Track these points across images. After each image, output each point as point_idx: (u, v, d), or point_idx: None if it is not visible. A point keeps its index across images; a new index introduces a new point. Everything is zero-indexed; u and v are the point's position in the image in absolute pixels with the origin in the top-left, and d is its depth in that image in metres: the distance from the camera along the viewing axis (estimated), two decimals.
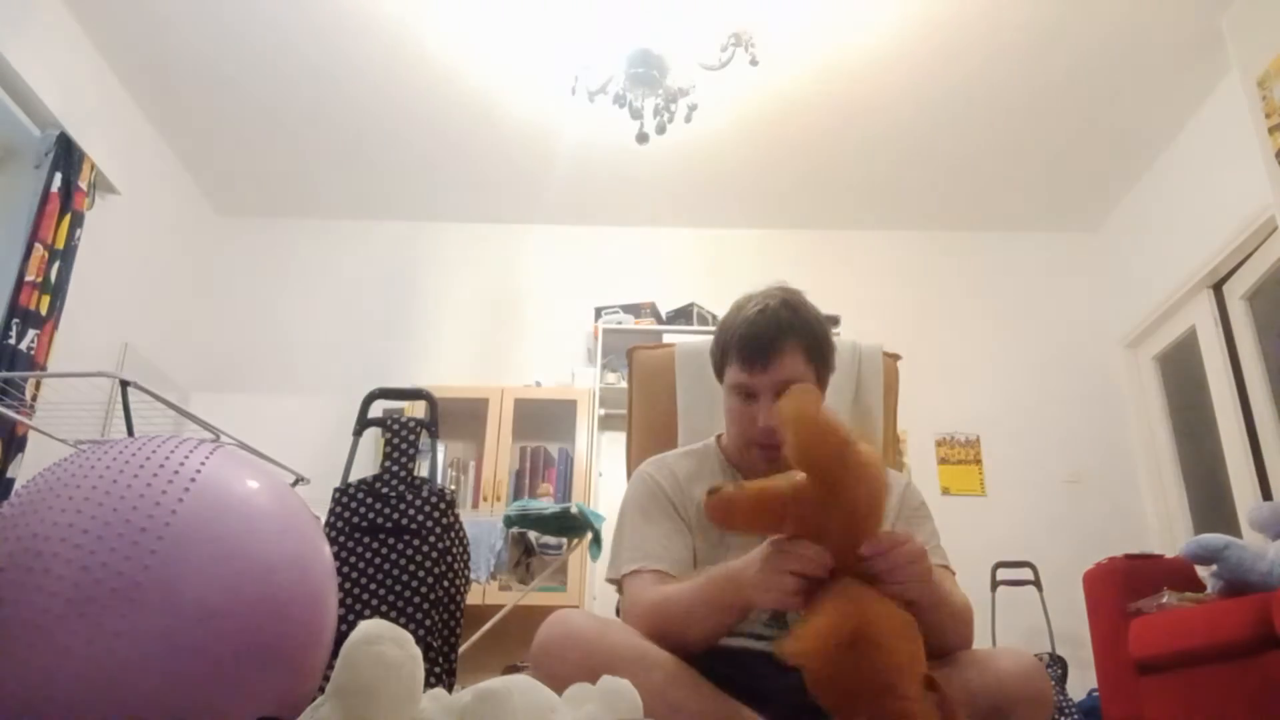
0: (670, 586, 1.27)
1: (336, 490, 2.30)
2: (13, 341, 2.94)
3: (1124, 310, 4.30)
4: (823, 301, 1.47)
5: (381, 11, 3.30)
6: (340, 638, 1.04)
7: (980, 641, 1.32)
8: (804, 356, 1.35)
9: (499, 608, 3.08)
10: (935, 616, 1.12)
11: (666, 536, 1.36)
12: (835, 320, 4.09)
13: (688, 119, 3.08)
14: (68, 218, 3.19)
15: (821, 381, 1.40)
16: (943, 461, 4.23)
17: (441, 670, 2.21)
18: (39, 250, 3.06)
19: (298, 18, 3.33)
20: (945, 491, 4.13)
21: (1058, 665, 3.50)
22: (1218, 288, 3.76)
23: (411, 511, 2.24)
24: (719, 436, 1.53)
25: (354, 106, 3.83)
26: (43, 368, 3.03)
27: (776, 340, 1.33)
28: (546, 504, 3.19)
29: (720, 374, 1.43)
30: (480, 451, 4.05)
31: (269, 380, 4.33)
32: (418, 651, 0.88)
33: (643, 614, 1.26)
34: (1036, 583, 3.73)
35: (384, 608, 2.14)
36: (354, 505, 2.27)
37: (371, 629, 0.86)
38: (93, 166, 3.37)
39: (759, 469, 1.40)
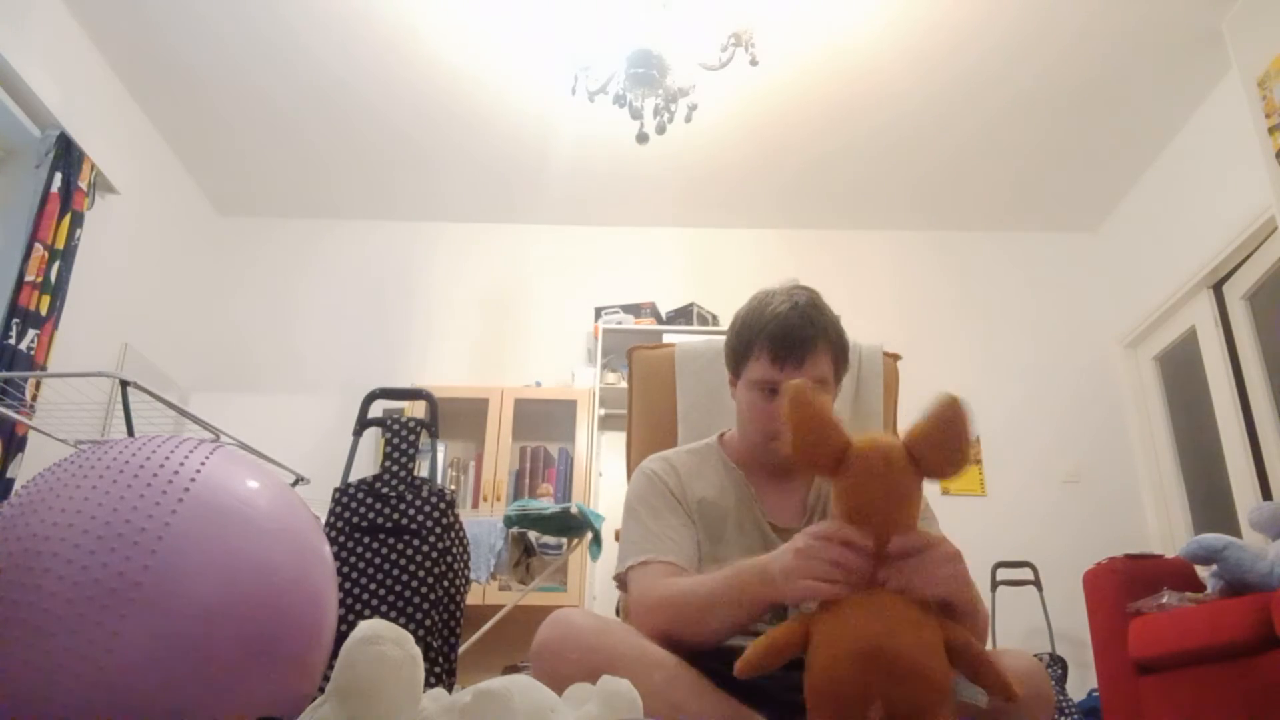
0: (687, 579, 1.25)
1: (336, 490, 2.30)
2: (13, 341, 2.94)
3: (1124, 310, 4.30)
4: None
5: (382, 12, 3.30)
6: (340, 638, 1.04)
7: None
8: (830, 356, 1.36)
9: (499, 608, 3.08)
10: (969, 625, 1.08)
11: (674, 530, 1.35)
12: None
13: (688, 119, 3.08)
14: (68, 218, 3.19)
15: (838, 382, 1.41)
16: None
17: (441, 670, 2.21)
18: (39, 250, 3.06)
19: (299, 18, 3.33)
20: (945, 491, 4.13)
21: (1058, 665, 3.50)
22: (1218, 288, 3.76)
23: (411, 511, 2.24)
24: (720, 435, 1.53)
25: (354, 106, 3.83)
26: (43, 368, 3.03)
27: (811, 339, 1.33)
28: (546, 504, 3.18)
29: (738, 368, 1.41)
30: (480, 451, 4.05)
31: (269, 380, 4.33)
32: (418, 651, 0.88)
33: (655, 605, 1.24)
34: (1036, 583, 3.73)
35: (384, 608, 2.14)
36: (354, 505, 2.27)
37: (371, 629, 0.86)
38: (93, 166, 3.37)
39: (768, 461, 1.41)
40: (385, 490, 2.28)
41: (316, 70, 3.61)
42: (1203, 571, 2.55)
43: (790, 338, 1.33)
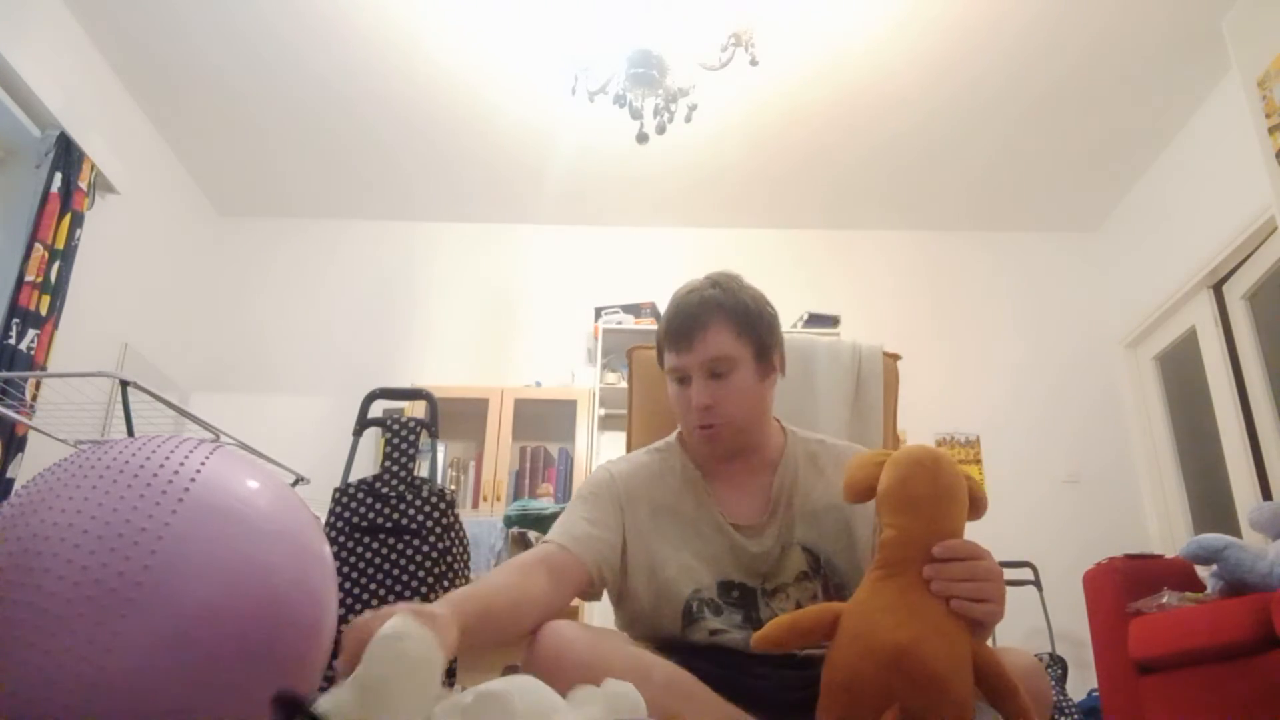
0: (497, 573, 1.23)
1: (336, 490, 2.30)
2: (13, 341, 2.93)
3: (1124, 310, 4.30)
4: (823, 301, 1.47)
5: (382, 13, 3.30)
6: (340, 638, 1.04)
7: None
8: (732, 332, 1.33)
9: None
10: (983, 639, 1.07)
11: (591, 524, 1.33)
12: (835, 320, 4.09)
13: (688, 119, 3.08)
14: (68, 218, 3.19)
15: (763, 359, 1.36)
16: None
17: (441, 670, 2.21)
18: (39, 250, 3.06)
19: (299, 19, 3.33)
20: None
21: (1058, 665, 3.49)
22: (1218, 288, 3.76)
23: (411, 511, 2.24)
24: (680, 433, 1.49)
25: (354, 106, 3.83)
26: (43, 368, 3.03)
27: (700, 318, 1.32)
28: (546, 504, 3.19)
29: (660, 361, 1.42)
30: (480, 451, 4.05)
31: (269, 380, 4.33)
32: (439, 655, 0.88)
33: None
34: (1036, 583, 3.73)
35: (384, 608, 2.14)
36: (354, 505, 2.27)
37: (398, 625, 0.86)
38: (93, 166, 3.37)
39: (702, 452, 1.39)
40: (385, 490, 2.28)
41: (316, 71, 3.61)
42: (1203, 571, 2.54)
43: (682, 323, 1.34)
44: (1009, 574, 3.69)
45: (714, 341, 1.32)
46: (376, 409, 2.50)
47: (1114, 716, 2.58)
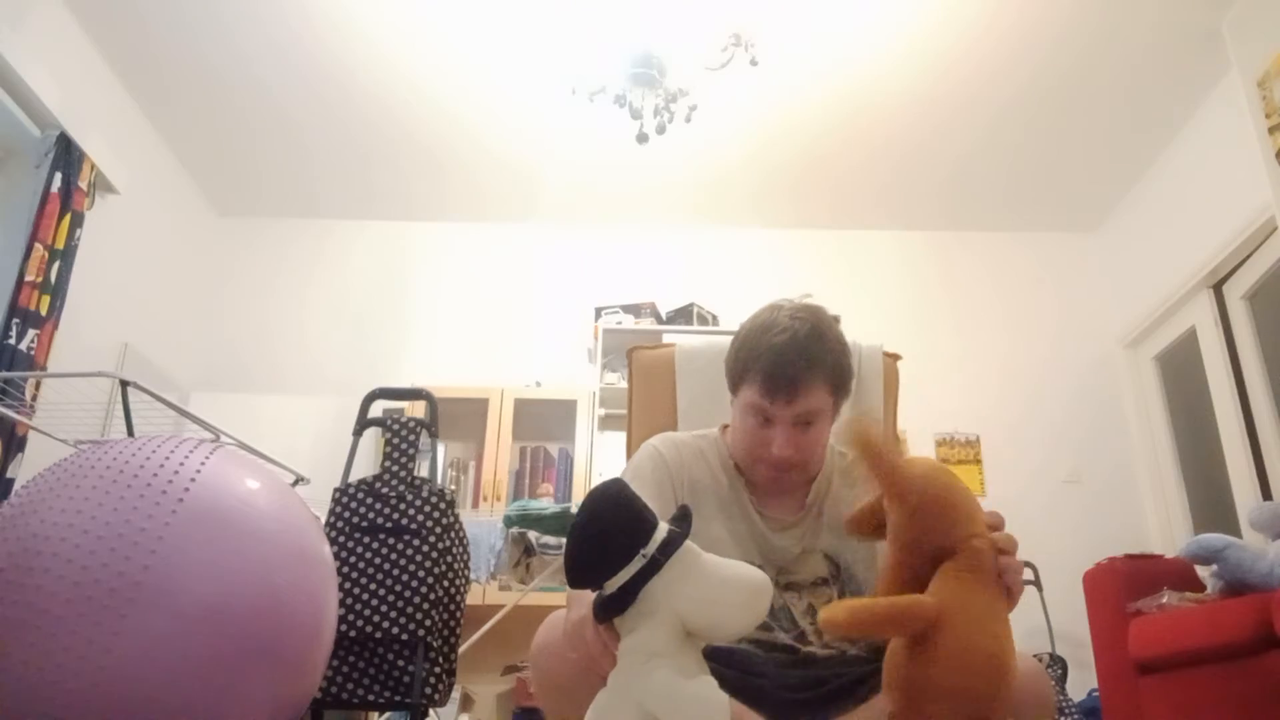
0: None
1: (336, 490, 2.31)
2: (13, 341, 2.93)
3: (1124, 310, 4.30)
4: (823, 301, 1.46)
5: (382, 13, 3.30)
6: (340, 638, 1.04)
7: None
8: (827, 390, 1.34)
9: (499, 608, 3.09)
10: None
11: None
12: (835, 320, 4.09)
13: (687, 119, 3.08)
14: (68, 218, 3.19)
15: (838, 409, 1.39)
16: (943, 462, 4.23)
17: (442, 670, 2.22)
18: (39, 250, 3.06)
19: (298, 19, 3.33)
20: None
21: (1058, 665, 3.49)
22: (1218, 288, 3.76)
23: (411, 511, 2.24)
24: (724, 427, 1.51)
25: (354, 106, 3.83)
26: (43, 368, 3.03)
27: (802, 375, 1.31)
28: (546, 504, 3.18)
29: (735, 386, 1.41)
30: (480, 451, 4.05)
31: (269, 380, 4.33)
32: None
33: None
34: (1036, 583, 3.72)
35: (384, 608, 2.14)
36: (354, 505, 2.27)
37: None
38: (93, 166, 3.37)
39: (761, 482, 1.40)
40: (385, 490, 2.28)
41: (316, 70, 3.61)
42: (1203, 571, 2.54)
43: (782, 374, 1.31)
44: None
45: (812, 398, 1.32)
46: (376, 409, 2.51)
47: (1114, 716, 2.58)
